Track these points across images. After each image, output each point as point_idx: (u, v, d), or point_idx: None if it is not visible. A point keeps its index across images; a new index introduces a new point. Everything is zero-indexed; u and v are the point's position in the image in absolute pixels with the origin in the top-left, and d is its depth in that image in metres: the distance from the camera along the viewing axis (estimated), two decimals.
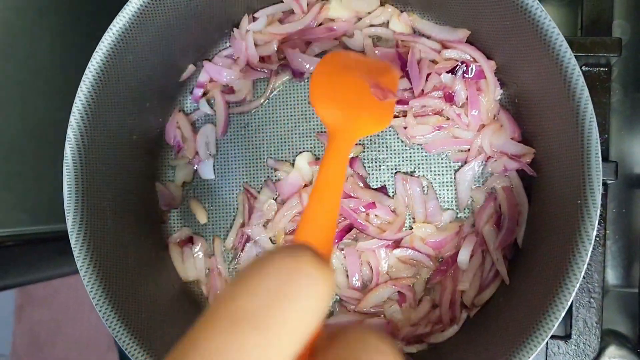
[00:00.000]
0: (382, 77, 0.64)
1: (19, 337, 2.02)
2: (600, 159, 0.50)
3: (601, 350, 0.70)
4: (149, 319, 0.60)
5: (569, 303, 0.51)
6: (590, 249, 0.50)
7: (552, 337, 0.68)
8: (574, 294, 0.50)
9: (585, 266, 0.51)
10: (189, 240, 0.72)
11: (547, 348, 0.68)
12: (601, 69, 0.69)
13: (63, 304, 2.00)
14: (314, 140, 0.72)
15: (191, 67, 0.73)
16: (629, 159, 0.75)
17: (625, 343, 0.71)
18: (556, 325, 0.51)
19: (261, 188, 0.72)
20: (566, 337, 0.69)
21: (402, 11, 0.71)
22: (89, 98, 0.59)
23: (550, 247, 0.56)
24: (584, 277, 0.68)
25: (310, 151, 0.72)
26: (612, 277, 0.75)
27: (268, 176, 0.72)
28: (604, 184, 0.68)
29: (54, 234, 1.04)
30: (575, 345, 0.68)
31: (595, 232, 0.50)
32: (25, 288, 2.01)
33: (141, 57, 0.63)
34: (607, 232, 0.74)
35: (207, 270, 0.72)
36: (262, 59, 0.72)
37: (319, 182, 0.47)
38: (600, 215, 0.69)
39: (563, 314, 0.51)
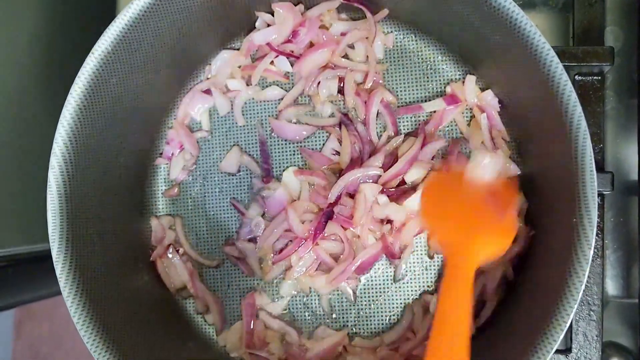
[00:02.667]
0: (496, 193, 0.60)
1: (19, 354, 2.01)
2: (595, 176, 0.49)
3: None
4: (137, 344, 0.59)
5: (568, 324, 0.50)
6: (588, 268, 0.49)
7: None
8: (572, 314, 0.49)
9: (583, 286, 0.49)
10: (167, 248, 0.72)
11: None
12: (594, 77, 0.68)
13: (64, 317, 1.99)
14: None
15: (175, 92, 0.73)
16: (625, 166, 0.74)
17: (626, 355, 0.71)
18: (555, 347, 0.50)
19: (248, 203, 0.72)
20: (567, 350, 0.68)
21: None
22: (72, 124, 0.58)
23: (547, 267, 0.55)
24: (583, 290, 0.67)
25: (297, 165, 0.72)
26: (611, 287, 0.74)
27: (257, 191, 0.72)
28: (601, 195, 0.67)
29: (49, 253, 1.03)
30: (576, 359, 0.67)
31: (592, 252, 0.49)
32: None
33: (125, 80, 0.63)
34: (606, 242, 0.73)
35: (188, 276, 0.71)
36: None
37: (440, 314, 0.45)
38: (597, 226, 0.68)
39: (562, 335, 0.50)
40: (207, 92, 0.73)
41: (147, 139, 0.72)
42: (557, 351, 0.68)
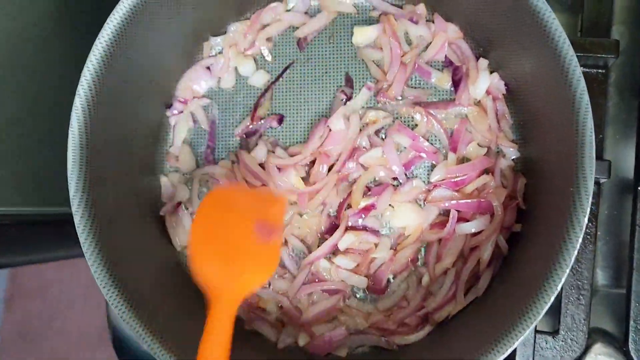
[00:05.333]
0: (268, 209, 0.61)
1: (8, 328, 2.00)
2: (594, 146, 0.52)
3: (588, 347, 0.71)
4: (142, 286, 0.62)
5: (560, 287, 0.52)
6: (582, 234, 0.51)
7: (541, 332, 0.70)
8: (564, 277, 0.52)
9: (576, 251, 0.52)
10: (178, 206, 0.73)
11: (535, 342, 0.69)
12: (599, 70, 0.71)
13: (55, 296, 1.98)
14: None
15: (207, 44, 0.75)
16: (623, 163, 0.76)
17: (611, 341, 0.72)
18: (545, 308, 0.53)
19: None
20: (554, 332, 0.70)
21: None
22: (97, 69, 0.60)
23: (543, 233, 0.57)
24: (573, 274, 0.69)
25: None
26: (601, 277, 0.76)
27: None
28: (597, 183, 0.69)
29: (51, 217, 1.04)
30: (562, 341, 0.69)
31: (586, 219, 0.51)
32: (16, 278, 2.00)
33: (150, 35, 0.65)
34: (599, 233, 0.75)
35: None
36: None
37: (202, 353, 0.47)
38: (592, 214, 0.70)
39: (553, 297, 0.52)
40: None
41: (164, 96, 0.75)
42: (545, 332, 0.70)
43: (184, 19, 0.68)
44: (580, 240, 0.52)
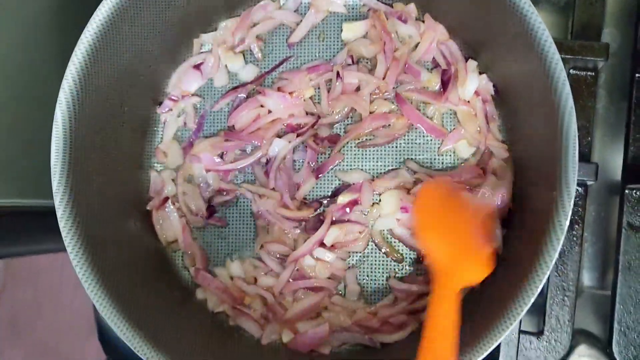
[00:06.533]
0: (483, 219, 0.63)
1: None
2: (577, 151, 0.52)
3: (572, 348, 0.71)
4: (124, 279, 0.63)
5: (540, 288, 0.52)
6: (563, 237, 0.51)
7: (525, 332, 0.70)
8: (545, 279, 0.52)
9: (557, 254, 0.52)
10: (165, 201, 0.73)
11: (519, 342, 0.69)
12: (588, 73, 0.71)
13: (46, 285, 1.98)
14: None
15: (197, 41, 0.75)
16: (611, 165, 0.76)
17: (595, 343, 0.73)
18: (525, 310, 0.53)
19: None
20: (538, 333, 0.70)
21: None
22: (82, 63, 0.60)
23: (527, 236, 0.57)
24: (559, 275, 0.70)
25: None
26: (587, 278, 0.76)
27: None
28: (584, 185, 0.70)
29: (40, 209, 1.04)
30: (546, 342, 0.70)
31: (567, 222, 0.52)
32: (8, 268, 2.00)
33: (137, 30, 0.65)
34: (585, 234, 0.75)
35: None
36: None
37: (429, 333, 0.50)
38: (579, 216, 0.70)
39: (532, 299, 0.53)
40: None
41: (152, 92, 0.75)
42: (530, 333, 0.70)
43: (172, 14, 0.68)
44: (561, 242, 0.52)
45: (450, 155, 0.71)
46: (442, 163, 0.71)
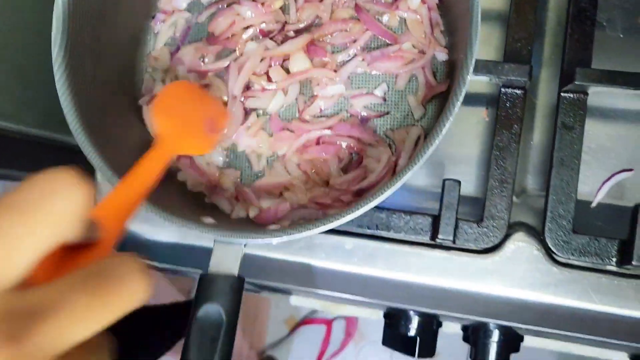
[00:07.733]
0: (215, 112, 0.78)
1: None
2: (479, 23, 0.62)
3: (509, 235, 0.79)
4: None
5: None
6: (465, 90, 0.60)
7: (464, 220, 0.77)
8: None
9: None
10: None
11: (457, 227, 0.77)
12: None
13: None
14: None
15: None
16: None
17: (532, 232, 0.81)
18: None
19: None
20: (478, 220, 0.78)
21: None
22: None
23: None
24: (497, 169, 0.78)
25: None
26: (531, 182, 0.84)
27: None
28: (523, 88, 0.77)
29: (58, 144, 1.12)
30: (485, 227, 0.77)
31: (469, 76, 0.61)
32: None
33: None
34: (528, 138, 0.83)
35: None
36: None
37: (133, 173, 0.57)
38: (517, 116, 0.78)
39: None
40: None
41: (146, 7, 0.86)
42: (470, 221, 0.78)
43: None
44: (455, 111, 0.61)
45: None
46: None
